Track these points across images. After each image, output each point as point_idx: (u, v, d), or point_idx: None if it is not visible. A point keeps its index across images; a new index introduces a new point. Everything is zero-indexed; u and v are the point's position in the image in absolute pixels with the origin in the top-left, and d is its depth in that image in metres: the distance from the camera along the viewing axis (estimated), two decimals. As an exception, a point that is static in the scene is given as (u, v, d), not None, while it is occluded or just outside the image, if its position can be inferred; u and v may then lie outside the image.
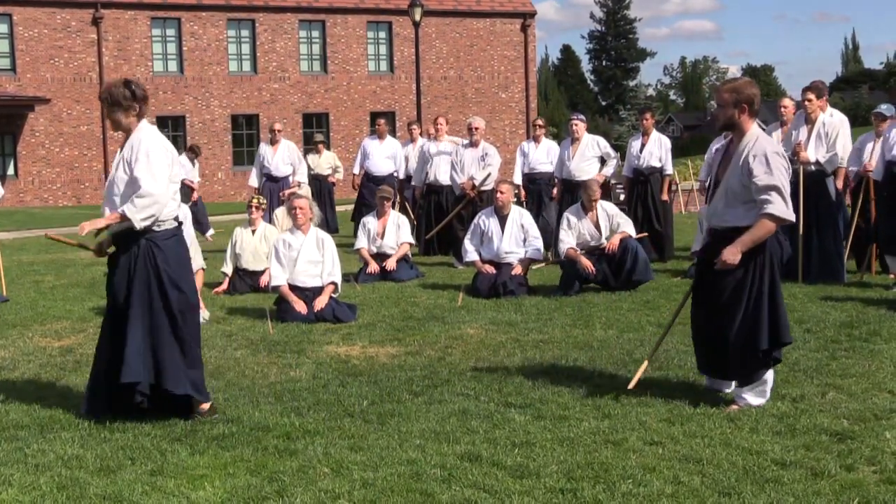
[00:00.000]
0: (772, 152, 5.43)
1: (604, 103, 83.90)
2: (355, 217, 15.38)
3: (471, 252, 10.26)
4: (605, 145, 12.62)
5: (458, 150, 12.68)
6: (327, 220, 15.33)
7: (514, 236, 10.14)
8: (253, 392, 6.10)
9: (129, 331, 5.41)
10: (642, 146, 12.55)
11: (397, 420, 5.38)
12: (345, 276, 9.57)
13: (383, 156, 15.26)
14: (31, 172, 31.22)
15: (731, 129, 5.61)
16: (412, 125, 15.90)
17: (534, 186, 13.59)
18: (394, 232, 11.26)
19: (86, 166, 31.77)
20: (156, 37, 32.62)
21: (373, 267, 11.02)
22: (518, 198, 13.77)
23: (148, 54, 32.40)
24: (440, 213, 12.99)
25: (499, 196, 10.23)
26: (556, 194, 12.87)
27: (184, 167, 18.16)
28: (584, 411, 5.47)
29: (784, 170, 5.44)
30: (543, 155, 13.51)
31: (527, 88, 37.56)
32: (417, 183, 13.69)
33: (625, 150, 13.64)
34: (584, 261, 9.60)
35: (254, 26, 33.69)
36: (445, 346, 7.43)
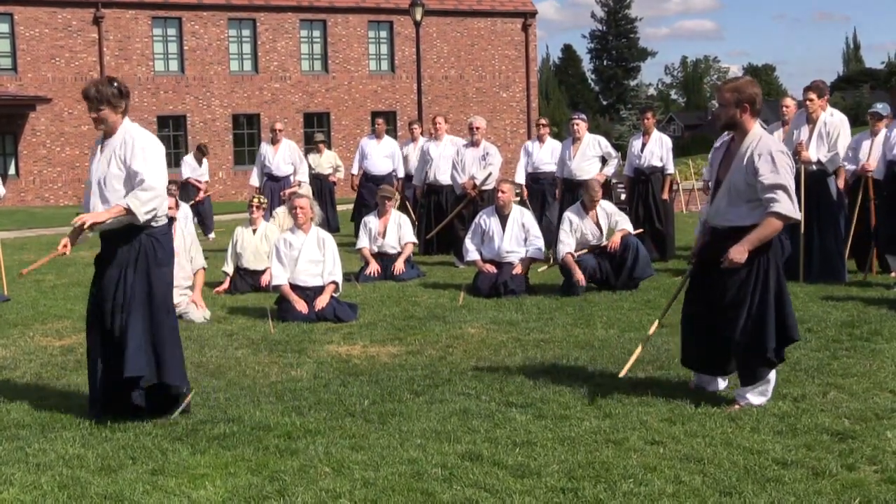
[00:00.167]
0: (777, 151, 5.44)
1: (605, 103, 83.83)
2: (355, 217, 15.37)
3: (472, 251, 10.26)
4: (606, 145, 12.62)
5: (459, 149, 12.68)
6: (328, 219, 15.33)
7: (515, 236, 10.14)
8: (254, 391, 6.10)
9: (130, 325, 5.38)
10: (643, 146, 12.55)
11: (398, 419, 5.38)
12: (346, 276, 9.57)
13: (382, 155, 15.26)
14: (33, 172, 31.23)
15: (732, 128, 5.60)
16: (413, 124, 15.90)
17: (537, 186, 13.58)
18: (395, 231, 11.26)
19: (87, 166, 31.53)
20: (157, 36, 32.63)
21: (373, 267, 11.02)
22: (520, 197, 13.78)
23: (149, 54, 32.41)
24: (440, 213, 12.98)
25: (500, 195, 10.23)
26: (558, 194, 12.87)
27: (189, 165, 18.20)
28: (585, 411, 5.47)
29: (789, 168, 5.44)
30: (547, 155, 13.48)
31: (528, 88, 37.57)
32: (418, 182, 13.69)
33: (626, 149, 13.64)
34: (577, 274, 9.58)
35: (255, 26, 33.70)
36: (446, 345, 7.44)
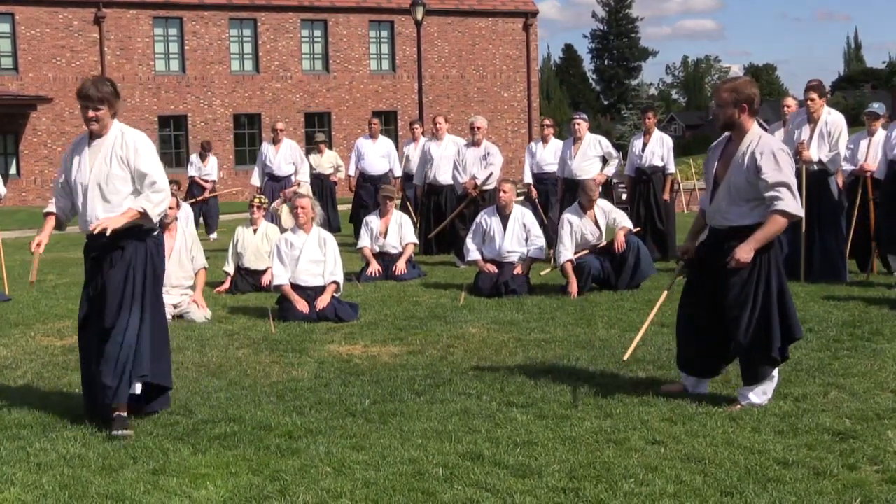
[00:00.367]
0: (778, 149, 5.47)
1: (606, 102, 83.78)
2: (353, 219, 15.38)
3: (473, 251, 10.26)
4: (607, 145, 12.60)
5: (460, 149, 12.68)
6: (329, 219, 15.32)
7: (516, 235, 10.14)
8: (255, 391, 6.10)
9: (142, 327, 5.36)
10: (644, 145, 12.56)
11: (399, 419, 5.38)
12: (347, 276, 9.57)
13: (378, 155, 15.27)
14: (34, 172, 31.25)
15: (731, 128, 5.62)
16: (414, 124, 15.90)
17: (541, 186, 13.57)
18: (396, 231, 11.25)
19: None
20: (158, 36, 32.64)
21: (374, 267, 11.01)
22: (528, 197, 13.77)
23: (150, 54, 32.42)
24: (440, 213, 12.98)
25: (501, 195, 10.22)
26: (559, 193, 12.86)
27: (194, 165, 18.19)
28: (585, 410, 5.47)
29: (791, 167, 5.47)
30: (551, 155, 13.44)
31: (529, 87, 37.56)
32: (418, 182, 13.69)
33: (627, 149, 13.63)
34: (572, 286, 9.55)
35: (256, 25, 33.70)
36: (447, 345, 7.43)
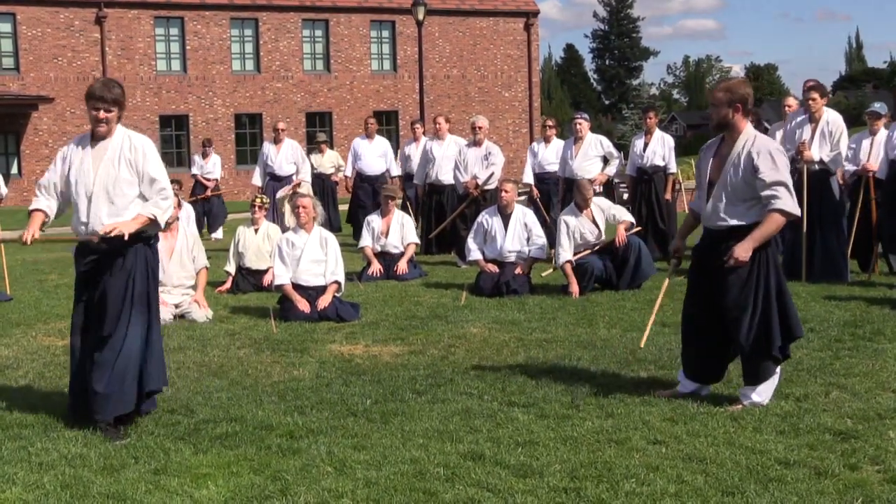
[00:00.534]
0: (774, 149, 5.52)
1: (607, 102, 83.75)
2: (350, 219, 15.37)
3: (474, 251, 10.26)
4: (609, 145, 12.59)
5: (461, 149, 12.67)
6: (330, 219, 15.32)
7: (517, 235, 10.14)
8: (256, 391, 6.10)
9: (150, 336, 5.38)
10: (645, 145, 12.55)
11: (400, 419, 5.38)
12: (348, 275, 9.57)
13: (375, 154, 15.25)
14: (35, 171, 31.20)
15: (724, 128, 5.65)
16: (416, 124, 15.89)
17: (543, 186, 13.55)
18: (398, 231, 11.25)
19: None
20: (159, 36, 32.65)
21: (375, 267, 11.01)
22: (530, 197, 13.76)
23: (151, 53, 32.43)
24: (441, 213, 12.98)
25: (503, 195, 10.22)
26: (560, 193, 12.85)
27: (197, 164, 18.18)
28: (587, 410, 5.47)
29: (786, 166, 5.52)
30: (553, 155, 13.40)
31: (530, 87, 37.55)
32: (419, 182, 13.69)
33: (628, 149, 13.62)
34: (573, 286, 9.56)
35: (257, 25, 33.71)
36: (449, 345, 7.43)
